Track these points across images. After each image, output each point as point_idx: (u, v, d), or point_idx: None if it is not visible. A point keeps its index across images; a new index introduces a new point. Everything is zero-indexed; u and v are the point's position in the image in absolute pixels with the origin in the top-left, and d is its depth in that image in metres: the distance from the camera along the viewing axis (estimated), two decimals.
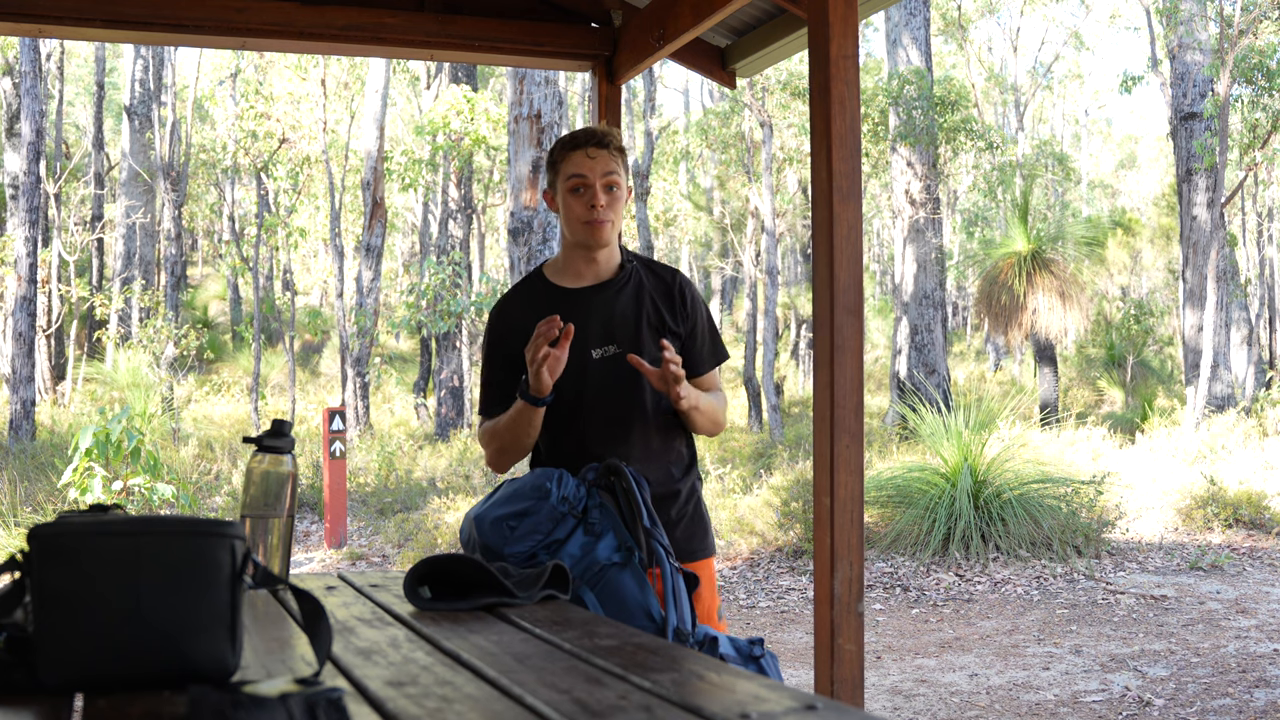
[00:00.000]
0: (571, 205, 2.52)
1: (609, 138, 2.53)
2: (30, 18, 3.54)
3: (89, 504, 1.94)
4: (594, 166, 2.49)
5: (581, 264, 2.58)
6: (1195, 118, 14.68)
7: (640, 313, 2.55)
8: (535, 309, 2.51)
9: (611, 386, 2.52)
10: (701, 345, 2.62)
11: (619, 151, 2.54)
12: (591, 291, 2.57)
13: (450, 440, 13.36)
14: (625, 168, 2.57)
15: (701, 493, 2.71)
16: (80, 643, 1.20)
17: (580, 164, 2.50)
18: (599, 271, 2.59)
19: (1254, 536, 8.52)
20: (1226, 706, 4.69)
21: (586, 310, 2.53)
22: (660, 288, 2.60)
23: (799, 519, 8.16)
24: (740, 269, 21.26)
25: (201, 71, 23.81)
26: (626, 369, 2.46)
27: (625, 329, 2.54)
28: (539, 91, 10.41)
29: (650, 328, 2.55)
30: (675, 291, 2.60)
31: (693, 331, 2.60)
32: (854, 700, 2.62)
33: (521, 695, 1.21)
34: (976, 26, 29.10)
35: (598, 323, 2.53)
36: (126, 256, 19.82)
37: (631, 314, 2.55)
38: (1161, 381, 19.47)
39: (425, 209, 20.10)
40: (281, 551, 2.05)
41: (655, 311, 2.57)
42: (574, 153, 2.51)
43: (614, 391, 2.52)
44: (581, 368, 2.50)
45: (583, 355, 2.49)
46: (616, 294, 2.57)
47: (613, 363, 2.52)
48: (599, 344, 2.52)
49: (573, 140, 2.53)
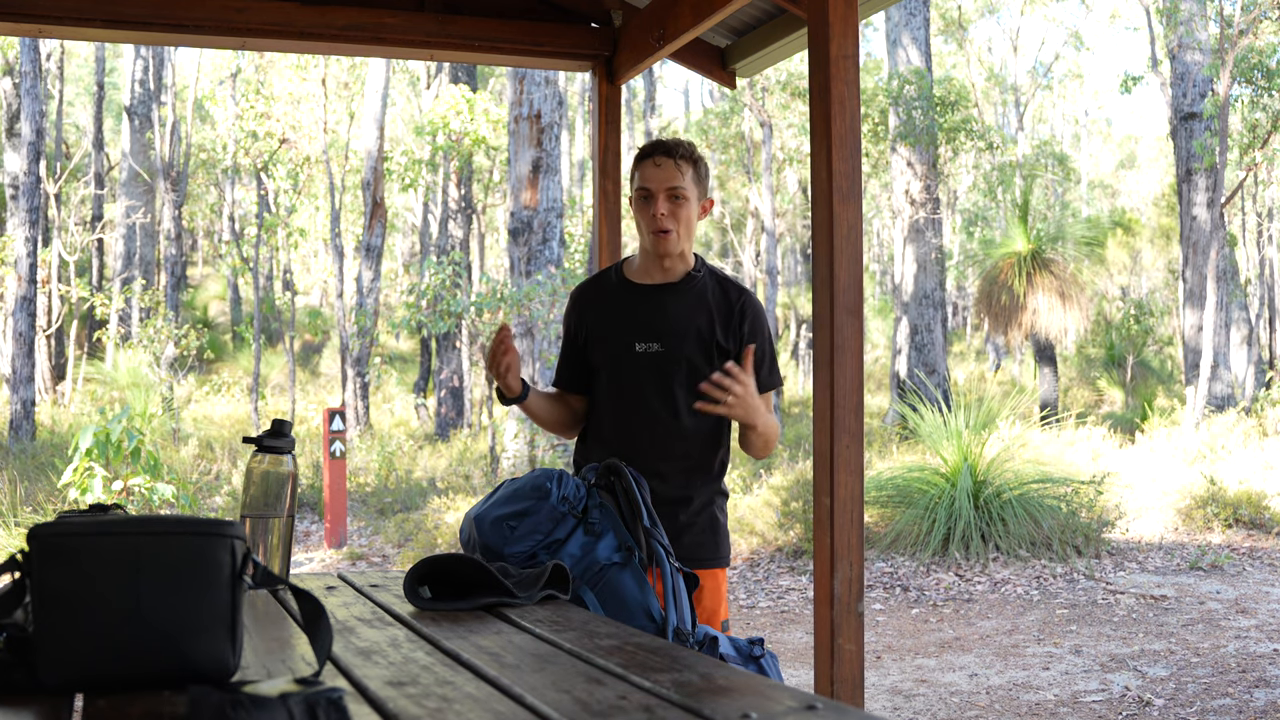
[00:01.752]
0: (640, 213, 2.67)
1: (678, 149, 2.64)
2: (30, 18, 3.54)
3: (89, 504, 1.94)
4: (658, 176, 2.62)
5: (651, 265, 2.72)
6: (1195, 118, 14.68)
7: (691, 319, 2.65)
8: (601, 300, 2.76)
9: (646, 380, 2.64)
10: (757, 367, 2.61)
11: (688, 161, 2.64)
12: (653, 290, 2.71)
13: (450, 440, 13.36)
14: (699, 177, 2.67)
15: (722, 505, 2.75)
16: (80, 643, 1.20)
17: (647, 174, 2.64)
18: (665, 274, 2.71)
19: (1254, 536, 8.52)
20: (1226, 706, 4.69)
21: (641, 305, 2.69)
22: (722, 302, 2.69)
23: (799, 519, 8.16)
24: (740, 269, 21.27)
25: (201, 71, 23.81)
26: (664, 368, 2.62)
27: (672, 331, 2.65)
28: (539, 91, 10.41)
29: (697, 336, 2.64)
30: (735, 309, 2.68)
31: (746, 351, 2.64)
32: (854, 700, 2.62)
33: (521, 695, 1.21)
34: (976, 26, 29.14)
35: (647, 319, 2.67)
36: (126, 256, 19.82)
37: (683, 318, 2.66)
38: (1161, 381, 19.48)
39: (425, 209, 20.09)
40: (281, 551, 2.05)
41: (708, 322, 2.66)
42: (643, 163, 2.66)
43: (648, 385, 2.64)
44: (620, 358, 2.66)
45: (628, 346, 2.65)
46: (675, 297, 2.69)
47: (653, 359, 2.64)
48: (644, 339, 2.65)
49: (643, 151, 2.68)
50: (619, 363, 2.66)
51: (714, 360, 2.63)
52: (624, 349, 2.66)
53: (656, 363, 2.63)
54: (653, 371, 2.63)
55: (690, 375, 2.61)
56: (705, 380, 2.49)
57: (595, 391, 2.73)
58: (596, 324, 2.74)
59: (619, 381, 2.67)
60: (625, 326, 2.66)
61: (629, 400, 2.66)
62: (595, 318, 2.74)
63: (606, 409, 2.71)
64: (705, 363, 2.62)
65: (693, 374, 2.61)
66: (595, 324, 2.74)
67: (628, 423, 2.66)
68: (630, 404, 2.66)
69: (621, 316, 2.70)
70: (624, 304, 2.70)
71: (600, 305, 2.74)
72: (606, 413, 2.71)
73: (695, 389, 2.53)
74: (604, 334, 2.71)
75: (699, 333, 2.64)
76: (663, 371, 2.62)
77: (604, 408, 2.71)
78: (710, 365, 2.61)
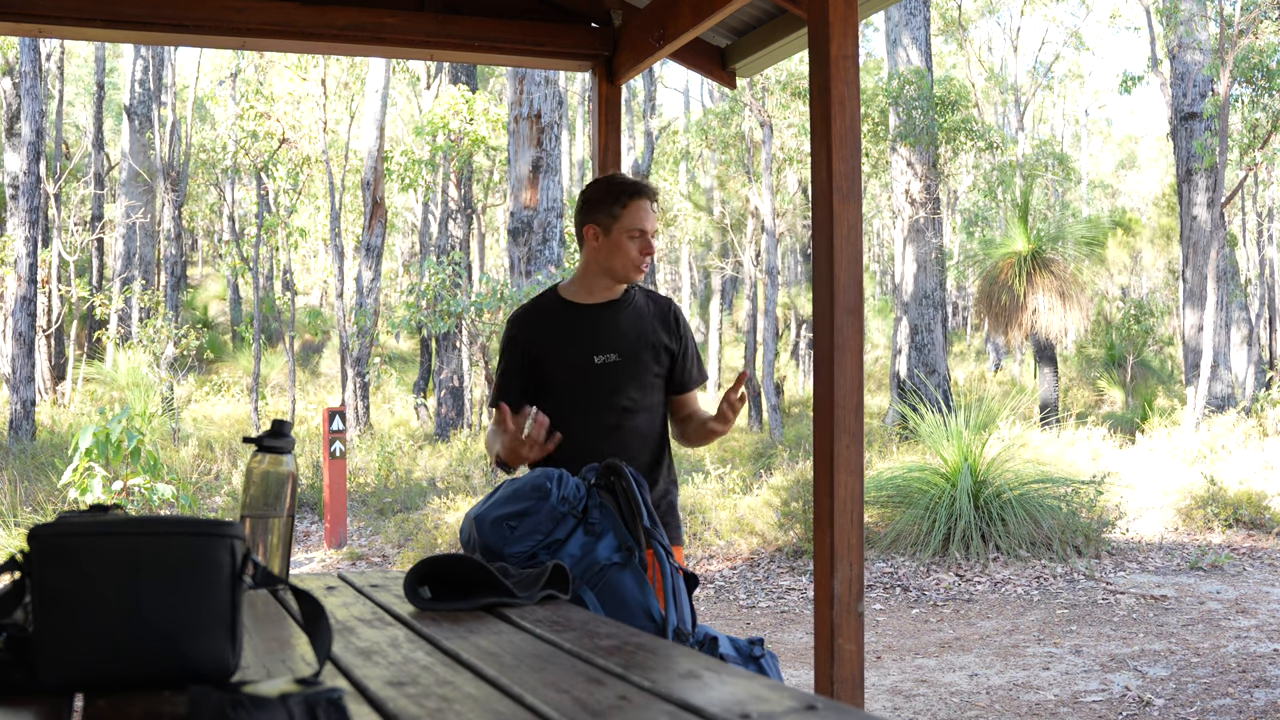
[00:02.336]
0: (628, 249, 2.88)
1: (657, 193, 2.97)
2: (30, 18, 3.54)
3: (89, 504, 1.94)
4: (650, 220, 2.90)
5: (599, 288, 2.96)
6: (1195, 118, 14.68)
7: (639, 330, 2.94)
8: (548, 320, 2.96)
9: (608, 388, 2.89)
10: (691, 365, 3.02)
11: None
12: (599, 308, 2.95)
13: (450, 440, 13.35)
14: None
15: (676, 492, 3.06)
16: (80, 643, 1.20)
17: (644, 217, 2.88)
18: (609, 294, 2.97)
19: (1254, 536, 8.53)
20: (1226, 706, 4.70)
21: (594, 322, 2.93)
22: (657, 311, 2.99)
23: (799, 519, 8.16)
24: (740, 269, 21.26)
25: (201, 71, 23.82)
26: (622, 375, 2.88)
27: (625, 341, 2.91)
28: (539, 91, 10.41)
29: (647, 344, 2.94)
30: (670, 315, 3.00)
31: (684, 352, 3.01)
32: (854, 700, 2.62)
33: (521, 695, 1.21)
34: (976, 26, 29.12)
35: (602, 334, 2.91)
36: (126, 256, 19.82)
37: (632, 330, 2.93)
38: (1161, 381, 19.48)
39: (425, 209, 20.09)
40: (281, 551, 2.05)
41: (652, 329, 2.96)
42: (639, 202, 2.88)
43: (609, 392, 2.89)
44: (584, 370, 2.89)
45: (587, 360, 2.89)
46: (620, 312, 2.95)
47: (612, 368, 2.89)
48: (602, 351, 2.90)
49: (633, 189, 2.90)
50: (581, 374, 2.88)
51: (660, 360, 2.95)
52: (585, 361, 2.88)
53: (615, 371, 2.89)
54: (612, 379, 2.88)
55: (642, 377, 2.91)
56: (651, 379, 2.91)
57: (549, 407, 2.82)
58: (549, 342, 2.93)
59: (582, 392, 2.88)
60: (581, 341, 2.89)
61: (592, 408, 2.87)
62: (547, 337, 2.94)
63: (567, 420, 2.80)
64: (654, 363, 2.93)
65: (644, 376, 2.92)
66: (548, 342, 2.93)
67: (592, 428, 2.84)
68: (594, 411, 2.87)
69: (575, 334, 2.92)
70: (575, 323, 2.93)
71: (549, 325, 2.94)
72: (568, 423, 2.79)
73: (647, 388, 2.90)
74: (559, 351, 2.92)
75: (647, 339, 2.93)
76: (620, 378, 2.88)
77: (565, 419, 2.80)
78: (658, 365, 2.94)
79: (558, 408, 2.83)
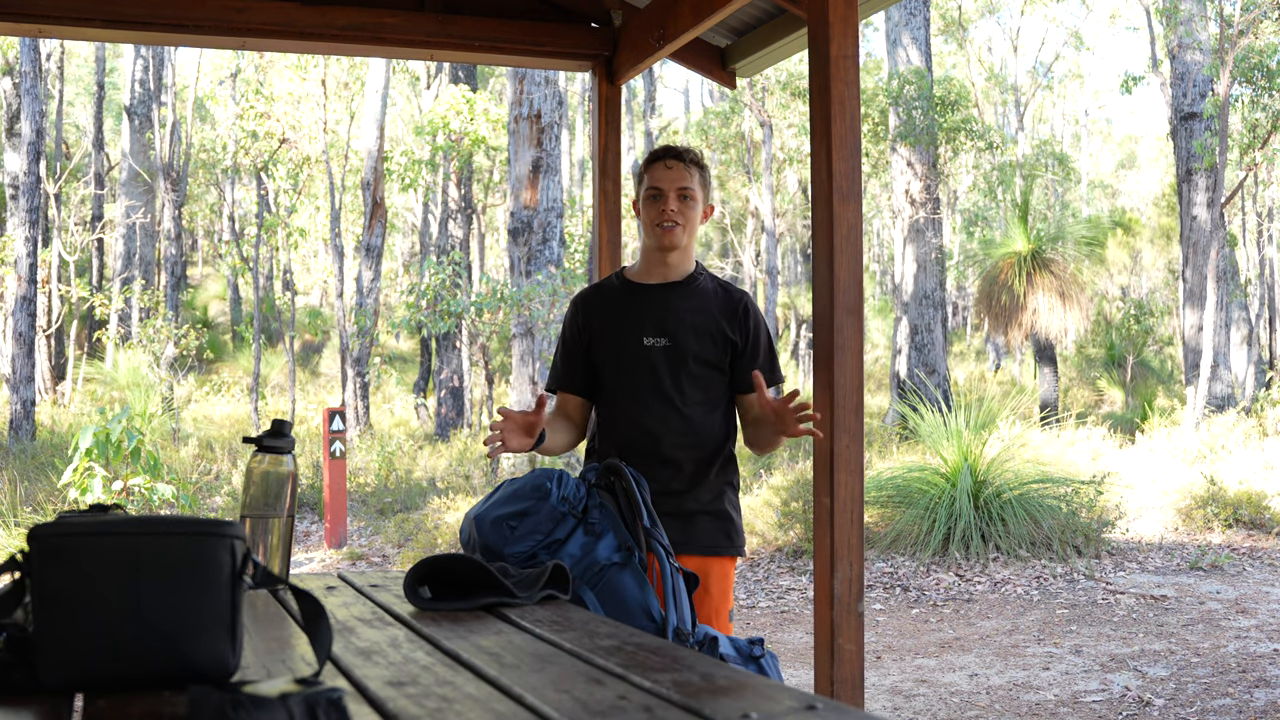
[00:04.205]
0: (648, 211, 2.78)
1: (687, 153, 2.80)
2: (30, 18, 3.54)
3: (89, 504, 1.94)
4: (669, 177, 2.76)
5: (654, 264, 2.82)
6: (1195, 118, 14.68)
7: (697, 316, 2.76)
8: (605, 299, 2.85)
9: (655, 372, 2.72)
10: (761, 363, 2.77)
11: (696, 166, 2.80)
12: (657, 289, 2.81)
13: (450, 440, 13.35)
14: (704, 182, 2.82)
15: (733, 499, 2.82)
16: (80, 643, 1.20)
17: (658, 175, 2.77)
18: (668, 274, 2.81)
19: (1254, 536, 8.52)
20: (1226, 706, 4.69)
21: (648, 303, 2.78)
22: (725, 301, 2.80)
23: (799, 519, 8.16)
24: (740, 269, 21.27)
25: (201, 71, 23.80)
26: (672, 361, 2.71)
27: (679, 326, 2.74)
28: (539, 91, 10.41)
29: (703, 331, 2.74)
30: (739, 307, 2.80)
31: (752, 347, 2.78)
32: (854, 700, 2.62)
33: (521, 695, 1.21)
34: (976, 26, 29.11)
35: (655, 315, 2.76)
36: (126, 256, 19.82)
37: (688, 315, 2.75)
38: (1161, 381, 19.48)
39: (425, 209, 20.09)
40: (281, 551, 2.05)
41: (715, 318, 2.76)
42: (654, 164, 2.79)
43: (656, 377, 2.72)
44: (629, 352, 2.75)
45: (636, 341, 2.75)
46: (680, 296, 2.79)
47: (661, 352, 2.73)
48: (652, 334, 2.75)
49: (653, 154, 2.83)
50: (627, 356, 2.74)
51: (723, 354, 2.74)
52: (632, 343, 2.74)
53: (665, 356, 2.72)
54: (661, 364, 2.72)
55: (697, 369, 2.72)
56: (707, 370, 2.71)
57: (601, 391, 2.80)
58: (602, 323, 2.82)
59: (628, 374, 2.74)
60: (632, 322, 2.75)
61: (638, 392, 2.73)
62: (600, 318, 2.82)
63: (615, 405, 2.76)
64: (713, 356, 2.73)
65: (700, 367, 2.72)
66: (600, 324, 2.82)
67: (638, 415, 2.71)
68: (640, 396, 2.72)
69: (627, 313, 2.79)
70: (629, 302, 2.79)
71: (605, 306, 2.83)
72: (615, 409, 2.76)
73: (700, 380, 2.71)
74: (610, 331, 2.79)
75: (706, 328, 2.74)
76: (671, 364, 2.71)
77: (612, 405, 2.77)
78: (718, 359, 2.74)
79: (607, 391, 2.78)
